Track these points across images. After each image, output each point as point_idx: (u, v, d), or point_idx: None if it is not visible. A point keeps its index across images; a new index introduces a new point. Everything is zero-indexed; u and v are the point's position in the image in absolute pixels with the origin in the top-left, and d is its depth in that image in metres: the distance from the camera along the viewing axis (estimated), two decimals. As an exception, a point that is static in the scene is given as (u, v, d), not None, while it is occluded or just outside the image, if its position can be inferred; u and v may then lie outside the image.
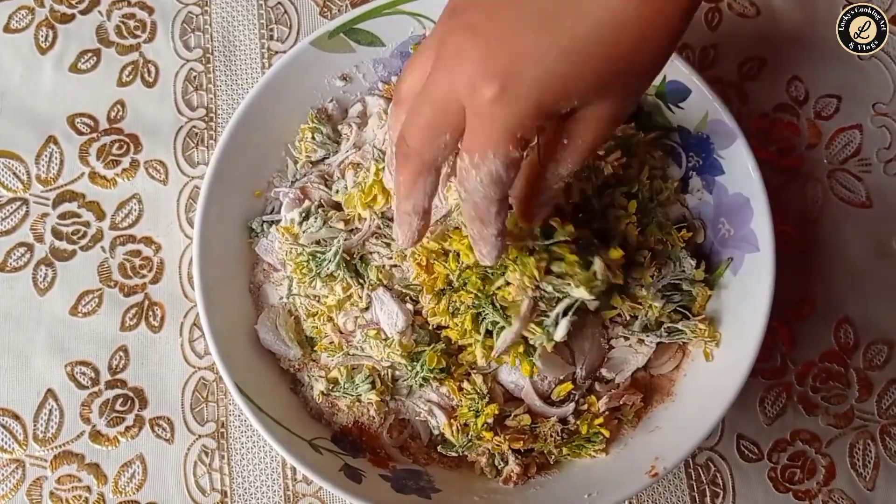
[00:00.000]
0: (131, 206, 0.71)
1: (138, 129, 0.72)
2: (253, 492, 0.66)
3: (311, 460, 0.57)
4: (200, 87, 0.73)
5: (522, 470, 0.60)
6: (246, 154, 0.63)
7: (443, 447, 0.61)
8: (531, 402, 0.61)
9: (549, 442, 0.60)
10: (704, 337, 0.61)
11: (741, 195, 0.62)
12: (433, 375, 0.59)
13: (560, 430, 0.60)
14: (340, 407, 0.62)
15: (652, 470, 0.57)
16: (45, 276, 0.69)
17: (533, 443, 0.60)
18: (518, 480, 0.60)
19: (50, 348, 0.68)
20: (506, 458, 0.61)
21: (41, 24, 0.74)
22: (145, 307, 0.69)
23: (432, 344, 0.59)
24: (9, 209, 0.70)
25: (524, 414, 0.60)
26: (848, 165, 0.74)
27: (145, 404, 0.67)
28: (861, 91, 0.75)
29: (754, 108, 0.74)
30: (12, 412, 0.67)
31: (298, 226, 0.61)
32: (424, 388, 0.61)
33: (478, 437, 0.60)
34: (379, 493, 0.58)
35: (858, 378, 0.70)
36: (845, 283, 0.71)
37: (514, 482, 0.60)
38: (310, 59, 0.65)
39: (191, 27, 0.75)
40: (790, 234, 0.71)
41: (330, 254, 0.60)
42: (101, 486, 0.66)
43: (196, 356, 0.68)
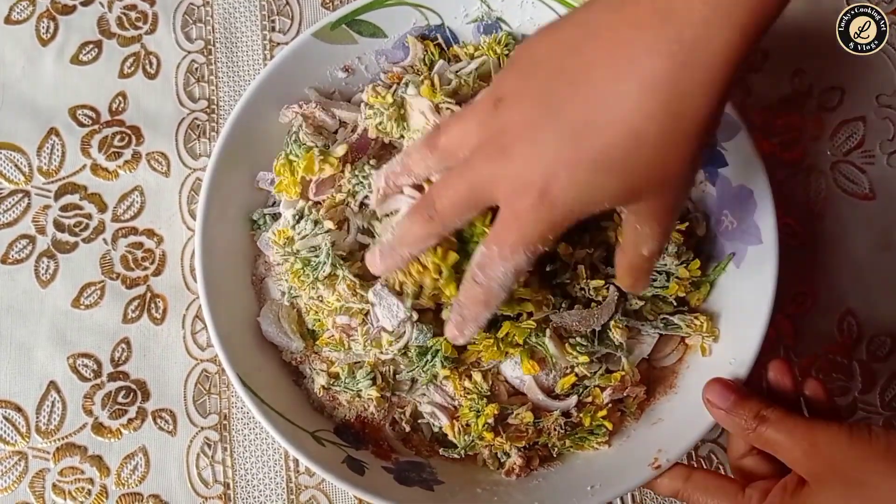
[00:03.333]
0: (133, 198, 0.71)
1: (140, 120, 0.72)
2: (255, 484, 0.66)
3: (314, 452, 0.57)
4: (202, 78, 0.73)
5: (525, 462, 0.60)
6: (248, 146, 0.63)
7: (444, 450, 0.61)
8: (534, 396, 0.61)
9: (553, 435, 0.60)
10: (702, 332, 0.61)
11: (744, 187, 0.62)
12: (447, 366, 0.59)
13: (563, 423, 0.60)
14: (341, 401, 0.62)
15: (655, 462, 0.57)
16: (47, 268, 0.69)
17: (536, 438, 0.60)
18: (521, 473, 0.60)
19: (52, 340, 0.68)
20: (508, 451, 0.61)
21: (42, 16, 0.74)
22: (147, 299, 0.69)
23: (437, 337, 0.59)
24: (10, 201, 0.70)
25: (527, 412, 0.60)
26: (851, 157, 0.73)
27: (148, 396, 0.67)
28: (865, 83, 0.75)
29: (757, 99, 0.74)
30: (15, 404, 0.67)
31: (292, 228, 0.61)
32: (428, 387, 0.61)
33: (479, 438, 0.60)
34: (382, 484, 0.58)
35: (861, 370, 0.70)
36: (848, 275, 0.71)
37: (516, 474, 0.60)
38: (312, 51, 0.64)
39: (192, 19, 0.74)
40: (793, 227, 0.71)
41: (322, 256, 0.60)
42: (103, 478, 0.66)
43: (198, 348, 0.68)
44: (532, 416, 0.60)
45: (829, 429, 0.51)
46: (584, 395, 0.61)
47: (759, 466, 0.56)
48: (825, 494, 0.49)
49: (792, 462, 0.52)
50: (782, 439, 0.52)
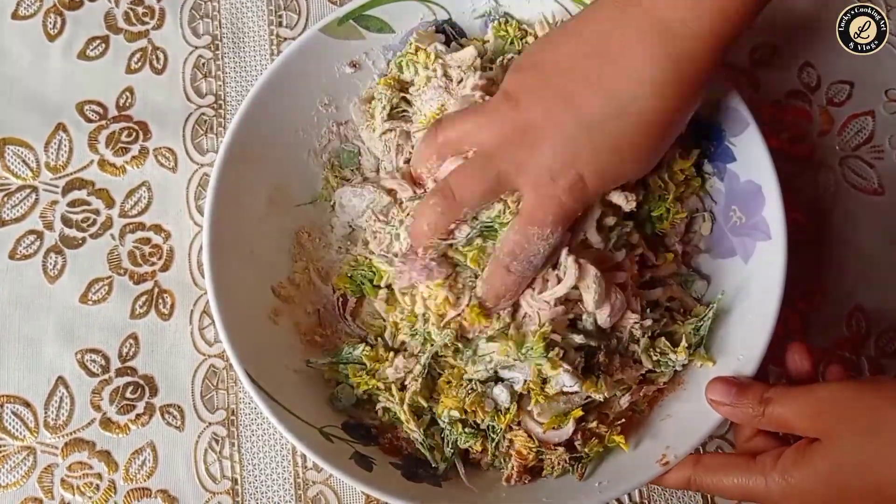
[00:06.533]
0: (141, 193, 0.71)
1: (147, 116, 0.72)
2: (263, 479, 0.66)
3: (322, 448, 0.57)
4: (209, 74, 0.73)
5: (524, 470, 0.59)
6: (255, 141, 0.63)
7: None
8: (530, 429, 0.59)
9: (557, 469, 0.59)
10: (699, 359, 0.61)
11: (753, 183, 0.62)
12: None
13: (568, 458, 0.58)
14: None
15: (663, 458, 0.57)
16: (54, 263, 0.69)
17: (541, 467, 0.60)
18: (519, 480, 0.59)
19: (60, 336, 0.68)
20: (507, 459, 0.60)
21: (49, 11, 0.74)
22: (155, 295, 0.69)
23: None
24: (18, 197, 0.70)
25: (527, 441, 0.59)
26: (860, 152, 0.73)
27: (155, 392, 0.67)
28: (874, 77, 0.74)
29: (766, 94, 0.74)
30: (23, 400, 0.67)
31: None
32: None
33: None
34: (390, 481, 0.58)
35: (870, 366, 0.69)
36: (857, 271, 0.71)
37: (515, 481, 0.59)
38: (319, 46, 0.64)
39: (199, 14, 0.74)
40: (801, 222, 0.71)
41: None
42: (112, 473, 0.66)
43: (206, 344, 0.68)
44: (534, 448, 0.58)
45: (831, 387, 0.53)
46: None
47: (769, 444, 0.56)
48: (839, 446, 0.50)
49: (803, 430, 0.52)
50: (789, 411, 0.52)
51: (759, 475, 0.53)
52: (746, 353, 0.59)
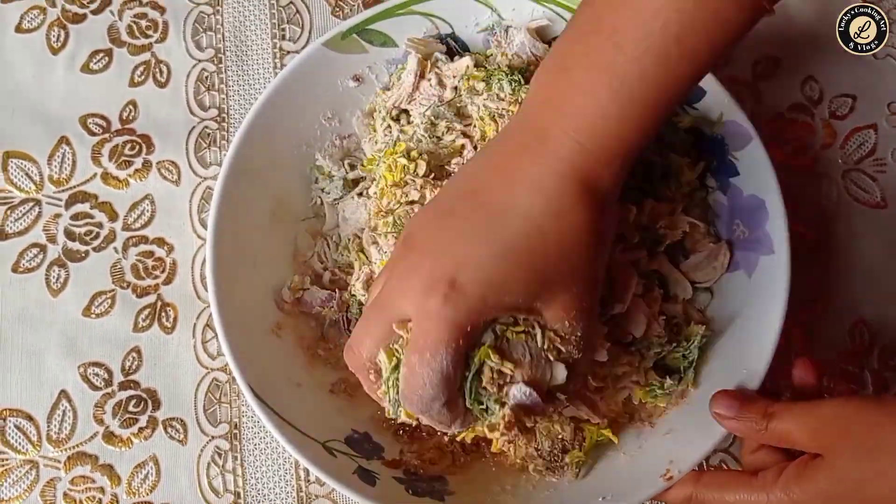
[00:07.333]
0: (144, 206, 0.71)
1: (150, 129, 0.72)
2: (266, 493, 0.66)
3: (325, 463, 0.57)
4: (212, 87, 0.73)
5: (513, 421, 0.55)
6: (259, 155, 0.63)
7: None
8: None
9: (545, 443, 0.60)
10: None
11: (756, 197, 0.62)
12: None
13: (560, 438, 0.60)
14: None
15: (667, 473, 0.57)
16: (57, 276, 0.69)
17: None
18: (507, 430, 0.52)
19: (63, 349, 0.68)
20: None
21: (53, 24, 0.74)
22: (158, 308, 0.69)
23: None
24: (21, 210, 0.70)
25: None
26: (863, 165, 0.73)
27: (158, 405, 0.67)
28: (876, 90, 0.74)
29: (768, 107, 0.74)
30: (26, 413, 0.67)
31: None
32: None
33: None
34: (393, 495, 0.58)
35: (873, 379, 0.69)
36: (860, 283, 0.71)
37: (500, 432, 0.52)
38: (322, 60, 0.64)
39: (202, 27, 0.74)
40: (804, 235, 0.71)
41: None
42: (114, 486, 0.66)
43: (209, 357, 0.68)
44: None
45: (834, 403, 0.53)
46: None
47: (772, 457, 0.56)
48: (840, 462, 0.50)
49: (806, 445, 0.52)
50: (792, 426, 0.52)
51: (762, 491, 0.53)
52: (750, 367, 0.59)
